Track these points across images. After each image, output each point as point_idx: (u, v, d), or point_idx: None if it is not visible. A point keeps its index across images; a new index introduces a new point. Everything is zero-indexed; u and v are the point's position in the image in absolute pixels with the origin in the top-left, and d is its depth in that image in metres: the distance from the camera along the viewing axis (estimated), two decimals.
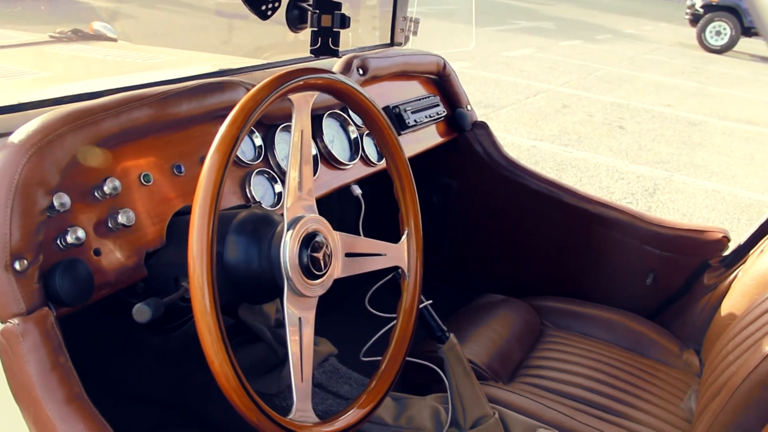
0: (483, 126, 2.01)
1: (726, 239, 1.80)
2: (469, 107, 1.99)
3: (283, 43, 1.76)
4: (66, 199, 0.95)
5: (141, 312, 0.92)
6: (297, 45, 1.73)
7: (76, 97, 1.12)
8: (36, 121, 0.95)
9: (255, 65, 1.56)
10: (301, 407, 0.97)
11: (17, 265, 0.87)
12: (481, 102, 7.07)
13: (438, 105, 1.90)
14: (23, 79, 1.02)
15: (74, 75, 1.61)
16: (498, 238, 2.07)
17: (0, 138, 0.98)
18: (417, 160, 1.73)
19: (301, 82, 0.99)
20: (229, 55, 1.89)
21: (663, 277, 1.86)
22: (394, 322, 1.20)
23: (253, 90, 0.95)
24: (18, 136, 0.92)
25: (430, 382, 1.48)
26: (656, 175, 5.28)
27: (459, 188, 2.08)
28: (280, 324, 1.58)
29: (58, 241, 0.95)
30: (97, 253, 0.99)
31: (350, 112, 1.57)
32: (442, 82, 1.96)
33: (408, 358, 1.38)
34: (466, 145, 2.00)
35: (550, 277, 2.02)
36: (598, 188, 4.79)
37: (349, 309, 1.50)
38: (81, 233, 0.96)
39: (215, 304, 0.84)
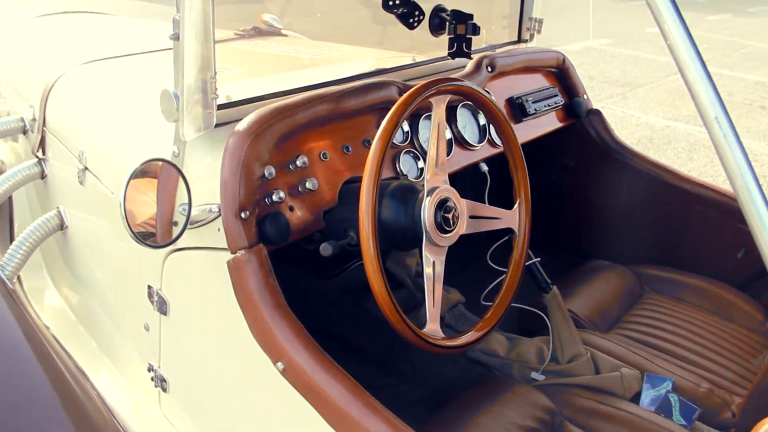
0: (597, 113, 2.29)
1: None
2: (585, 96, 2.27)
3: (426, 43, 2.10)
4: (272, 170, 1.36)
5: (325, 248, 1.33)
6: (436, 44, 2.07)
7: (276, 94, 1.53)
8: (253, 115, 1.35)
9: (404, 65, 1.92)
10: (432, 326, 1.34)
11: (242, 215, 1.28)
12: (619, 80, 7.12)
13: (557, 95, 2.19)
14: (224, 74, 1.40)
15: (260, 70, 2.02)
16: (607, 211, 2.35)
17: (227, 125, 1.40)
18: (538, 143, 2.05)
19: (436, 90, 1.36)
20: (384, 50, 2.23)
21: (754, 252, 2.09)
22: (507, 272, 1.54)
23: (404, 96, 1.33)
24: (242, 125, 1.33)
25: (537, 328, 1.82)
26: None
27: (575, 167, 2.37)
28: (419, 274, 1.97)
29: (266, 200, 1.36)
30: (291, 209, 1.39)
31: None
32: (561, 75, 2.24)
33: (519, 305, 1.74)
34: (581, 130, 2.28)
35: (652, 247, 2.28)
36: None
37: (475, 268, 1.85)
38: (282, 194, 1.37)
39: (377, 246, 1.22)
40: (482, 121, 1.88)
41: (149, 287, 1.54)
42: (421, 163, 1.67)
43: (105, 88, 1.98)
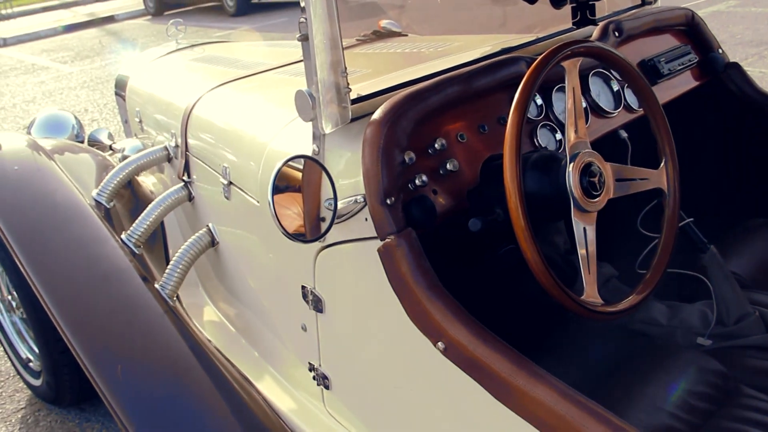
0: (736, 66, 2.17)
1: None
2: (720, 50, 2.16)
3: (545, 20, 2.06)
4: (412, 155, 1.36)
5: (474, 224, 1.32)
6: (555, 19, 2.02)
7: (405, 83, 1.53)
8: (387, 103, 1.36)
9: (528, 41, 1.89)
10: (591, 293, 1.30)
11: (388, 201, 1.29)
12: (753, 40, 6.76)
13: (690, 53, 2.09)
14: (352, 76, 1.41)
15: (386, 68, 2.03)
16: (757, 166, 2.23)
17: (362, 119, 1.42)
18: (675, 104, 1.97)
19: (569, 52, 1.32)
20: (504, 34, 2.21)
21: None
22: (660, 236, 1.48)
23: (534, 63, 1.30)
24: (378, 114, 1.34)
25: (697, 292, 1.74)
26: None
27: (717, 125, 2.26)
28: (568, 251, 1.93)
29: (409, 185, 1.36)
30: (435, 192, 1.39)
31: (610, 70, 1.86)
32: (692, 31, 2.14)
33: (676, 270, 1.67)
34: (721, 86, 2.18)
35: None
36: None
37: (623, 241, 1.79)
38: (424, 178, 1.37)
39: (526, 216, 1.20)
40: (615, 87, 1.83)
41: (303, 287, 1.57)
42: (558, 135, 1.63)
43: (238, 105, 2.06)
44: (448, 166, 1.41)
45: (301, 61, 2.40)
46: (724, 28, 7.40)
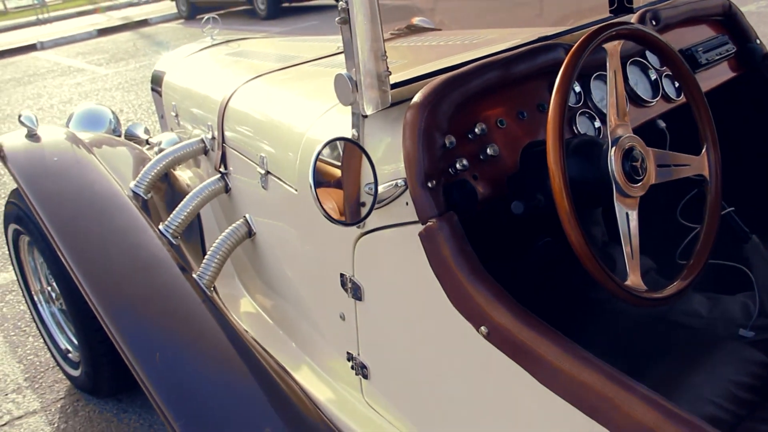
0: None
1: None
2: (758, 41, 2.13)
3: (580, 10, 2.04)
4: (453, 139, 1.36)
5: (517, 206, 1.31)
6: (592, 10, 2.00)
7: (444, 69, 1.52)
8: (427, 86, 1.35)
9: (565, 30, 1.88)
10: (634, 279, 1.27)
11: (429, 184, 1.28)
12: None
13: (727, 43, 2.06)
14: (391, 66, 1.41)
15: (423, 59, 2.03)
16: None
17: (402, 104, 1.41)
18: (712, 96, 1.94)
19: (614, 33, 1.31)
20: (538, 27, 2.19)
21: None
22: (702, 224, 1.46)
23: (577, 43, 1.29)
24: (418, 97, 1.33)
25: (738, 283, 1.71)
26: None
27: (755, 115, 2.22)
28: (606, 243, 1.91)
29: (450, 169, 1.35)
30: (475, 177, 1.38)
31: (648, 58, 1.84)
32: (729, 22, 2.11)
33: (717, 261, 1.65)
34: (759, 76, 2.14)
35: None
36: None
37: (660, 233, 1.76)
38: (465, 162, 1.36)
39: (570, 199, 1.19)
40: (653, 76, 1.81)
41: (342, 275, 1.57)
42: (597, 123, 1.62)
43: (274, 96, 2.06)
44: (488, 151, 1.40)
45: (336, 54, 2.42)
46: (756, 28, 7.30)
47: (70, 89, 8.92)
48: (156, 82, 3.07)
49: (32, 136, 2.39)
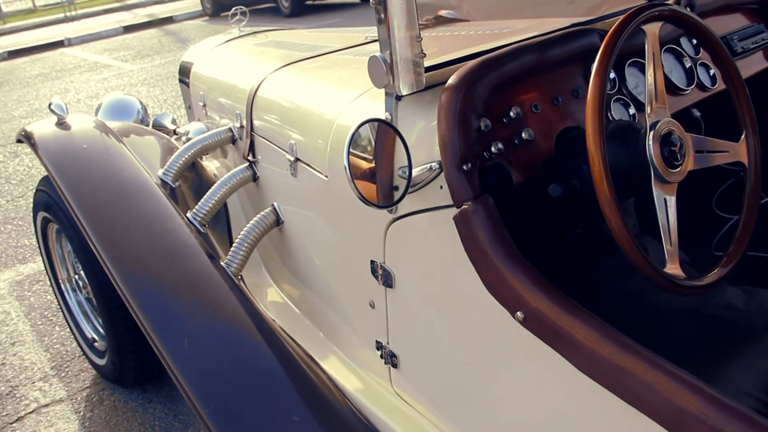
0: None
1: None
2: None
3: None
4: (488, 122, 1.33)
5: (554, 189, 1.29)
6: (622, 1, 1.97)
7: (479, 53, 1.50)
8: (462, 69, 1.33)
9: (598, 17, 1.85)
10: (672, 265, 1.25)
11: (464, 167, 1.26)
12: None
13: (763, 32, 2.01)
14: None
15: (453, 48, 2.01)
16: None
17: (436, 87, 1.39)
18: (749, 84, 1.90)
19: (656, 13, 1.28)
20: (569, 17, 2.16)
21: None
22: (740, 213, 1.43)
23: (617, 23, 1.26)
24: (453, 80, 1.31)
25: None
26: None
27: None
28: (638, 235, 1.87)
29: (485, 153, 1.33)
30: (510, 162, 1.36)
31: (682, 45, 1.80)
32: (764, 10, 2.06)
33: (753, 253, 1.61)
34: None
35: None
36: None
37: (694, 225, 1.73)
38: (500, 146, 1.34)
39: (610, 182, 1.16)
40: (688, 64, 1.77)
41: (372, 262, 1.55)
42: (632, 110, 1.59)
43: (303, 84, 2.05)
44: (523, 135, 1.38)
45: (365, 43, 2.39)
46: None
47: (96, 84, 8.99)
48: (183, 73, 3.07)
49: (62, 124, 2.40)
